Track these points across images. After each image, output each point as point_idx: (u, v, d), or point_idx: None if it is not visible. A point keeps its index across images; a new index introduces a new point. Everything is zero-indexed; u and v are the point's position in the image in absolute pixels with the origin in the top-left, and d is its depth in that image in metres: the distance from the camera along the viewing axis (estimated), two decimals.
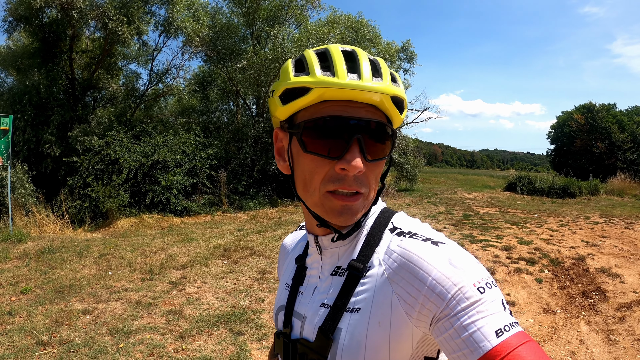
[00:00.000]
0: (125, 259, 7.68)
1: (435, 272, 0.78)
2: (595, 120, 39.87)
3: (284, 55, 15.32)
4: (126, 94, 17.32)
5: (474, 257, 0.83)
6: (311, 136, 0.86)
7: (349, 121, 0.83)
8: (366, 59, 0.86)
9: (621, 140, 37.71)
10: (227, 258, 8.01)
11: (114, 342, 4.40)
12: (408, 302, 0.81)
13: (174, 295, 5.96)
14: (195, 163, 14.05)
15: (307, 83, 0.84)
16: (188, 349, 4.35)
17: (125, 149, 12.76)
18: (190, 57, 17.31)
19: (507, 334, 0.71)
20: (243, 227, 11.49)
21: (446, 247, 0.83)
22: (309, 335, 0.95)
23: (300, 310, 1.01)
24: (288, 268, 1.16)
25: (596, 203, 19.18)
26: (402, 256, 0.85)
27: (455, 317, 0.74)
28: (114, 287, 6.21)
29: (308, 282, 1.04)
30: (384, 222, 0.96)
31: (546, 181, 23.05)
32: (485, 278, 0.78)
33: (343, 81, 0.82)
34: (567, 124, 43.18)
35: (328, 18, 17.87)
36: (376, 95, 0.83)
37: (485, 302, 0.75)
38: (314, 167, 0.87)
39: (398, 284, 0.83)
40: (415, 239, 0.87)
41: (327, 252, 0.98)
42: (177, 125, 16.77)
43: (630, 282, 6.77)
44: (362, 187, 0.86)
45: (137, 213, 12.18)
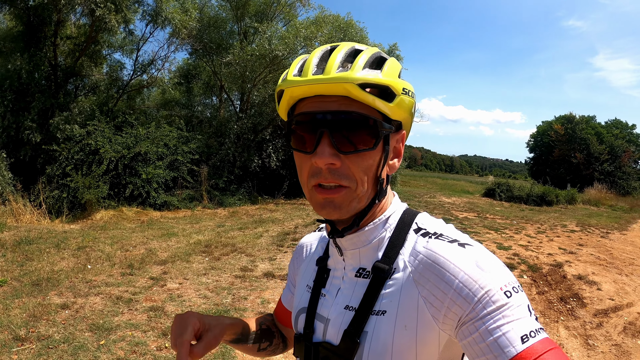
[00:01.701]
0: (105, 253, 7.52)
1: (462, 274, 0.78)
2: (575, 131, 40.60)
3: (271, 52, 15.24)
4: (109, 84, 17.01)
5: (500, 261, 0.82)
6: (293, 134, 0.89)
7: (316, 115, 0.83)
8: (342, 52, 0.85)
9: (599, 151, 38.47)
10: (208, 254, 7.91)
11: (95, 339, 4.28)
12: (434, 305, 0.80)
13: (155, 291, 5.84)
14: (176, 157, 13.87)
15: (281, 86, 0.87)
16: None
17: (107, 140, 12.53)
18: (176, 49, 17.05)
19: (532, 340, 0.70)
20: (224, 223, 11.40)
21: (473, 249, 0.82)
22: (332, 338, 0.93)
23: (323, 312, 0.98)
24: (308, 270, 1.13)
25: (573, 212, 19.56)
26: (428, 258, 0.84)
27: (481, 321, 0.74)
28: (93, 281, 6.06)
29: (331, 284, 1.01)
30: (408, 223, 0.95)
31: (524, 189, 23.49)
32: (512, 282, 0.77)
33: (304, 78, 0.82)
34: (547, 134, 43.87)
35: (317, 17, 17.81)
36: (338, 86, 0.80)
37: (512, 306, 0.74)
38: (300, 163, 0.89)
39: (424, 286, 0.82)
40: (441, 240, 0.86)
41: (347, 253, 0.96)
42: (160, 118, 16.57)
43: (606, 290, 6.97)
44: (342, 179, 0.84)
45: (116, 205, 11.95)
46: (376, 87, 0.82)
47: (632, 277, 7.84)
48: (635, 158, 42.21)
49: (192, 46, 17.13)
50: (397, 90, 0.84)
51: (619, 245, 11.25)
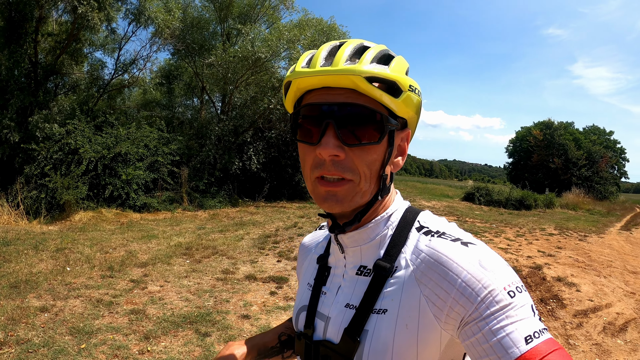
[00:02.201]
0: (84, 255, 7.43)
1: (465, 273, 0.77)
2: (553, 136, 41.24)
3: (254, 54, 15.21)
4: (90, 82, 16.77)
5: (504, 260, 0.81)
6: (299, 125, 0.89)
7: (322, 107, 0.83)
8: (350, 47, 0.85)
9: (577, 157, 39.17)
10: (189, 257, 7.86)
11: (75, 343, 4.21)
12: (436, 304, 0.79)
13: (136, 294, 5.78)
14: (157, 158, 13.74)
15: (289, 77, 0.88)
16: (153, 350, 4.21)
17: (86, 139, 12.35)
18: (158, 49, 16.92)
19: (536, 341, 0.70)
20: (204, 225, 11.34)
21: (476, 248, 0.82)
22: (333, 336, 0.93)
23: (323, 310, 0.98)
24: (309, 268, 1.13)
25: (551, 216, 19.89)
26: (430, 256, 0.83)
27: (484, 322, 0.73)
28: (72, 284, 5.98)
29: (332, 282, 1.01)
30: (410, 221, 0.94)
31: (503, 193, 23.76)
32: (515, 282, 0.77)
33: (312, 69, 0.83)
34: (526, 139, 44.49)
35: (300, 20, 17.82)
36: (345, 77, 0.80)
37: (515, 306, 0.73)
38: (303, 155, 0.89)
39: (426, 285, 0.82)
40: (444, 239, 0.85)
41: (349, 250, 0.96)
42: (141, 118, 16.37)
43: (585, 291, 7.12)
44: (346, 172, 0.83)
45: (95, 207, 11.78)
46: (383, 81, 0.82)
47: (610, 279, 8.03)
48: (612, 163, 43.15)
49: (174, 46, 16.99)
50: (404, 87, 0.84)
51: (597, 248, 11.50)
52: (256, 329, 4.88)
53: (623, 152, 46.63)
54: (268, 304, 5.74)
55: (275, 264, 7.75)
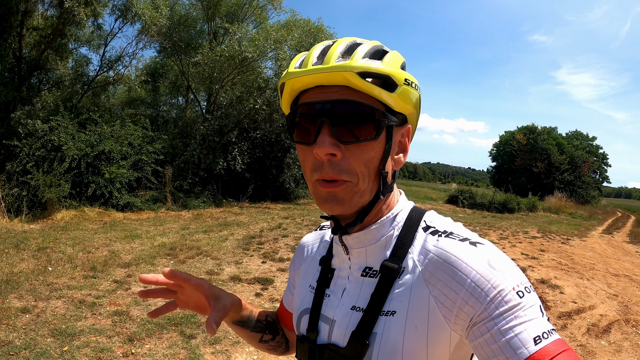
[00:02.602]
0: (66, 254, 7.32)
1: (474, 273, 0.76)
2: (537, 141, 41.86)
3: (241, 54, 15.12)
4: (74, 79, 16.56)
5: (512, 260, 0.81)
6: (295, 126, 0.88)
7: (315, 106, 0.82)
8: (343, 45, 0.84)
9: (560, 161, 39.79)
10: (174, 257, 7.79)
11: (57, 345, 4.14)
12: (446, 304, 0.79)
13: (120, 295, 5.70)
14: (141, 157, 13.58)
15: (282, 79, 0.87)
16: (138, 352, 4.15)
17: (70, 136, 12.15)
18: (144, 46, 16.80)
19: (545, 342, 0.69)
20: (188, 226, 11.25)
21: (485, 247, 0.81)
22: (339, 340, 0.91)
23: (327, 313, 0.96)
24: (310, 269, 1.11)
25: (534, 219, 20.12)
26: (439, 257, 0.82)
27: (493, 322, 0.72)
28: (54, 284, 5.87)
29: (336, 284, 0.99)
30: (416, 221, 0.93)
31: (487, 196, 23.99)
32: (524, 282, 0.76)
33: (304, 69, 0.82)
34: (509, 143, 45.06)
35: (287, 21, 17.74)
36: (337, 74, 0.79)
37: (525, 306, 0.73)
38: (302, 156, 0.88)
39: (435, 285, 0.81)
40: (452, 239, 0.84)
41: (354, 251, 0.94)
42: (125, 116, 16.20)
43: (569, 293, 7.22)
44: (342, 174, 0.82)
45: (77, 205, 11.62)
46: (376, 76, 0.81)
47: (593, 281, 8.16)
48: (595, 168, 43.99)
49: (160, 44, 16.85)
50: (399, 80, 0.83)
51: (580, 251, 11.66)
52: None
53: (605, 157, 47.58)
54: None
55: (260, 265, 7.72)
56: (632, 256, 11.92)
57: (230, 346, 4.48)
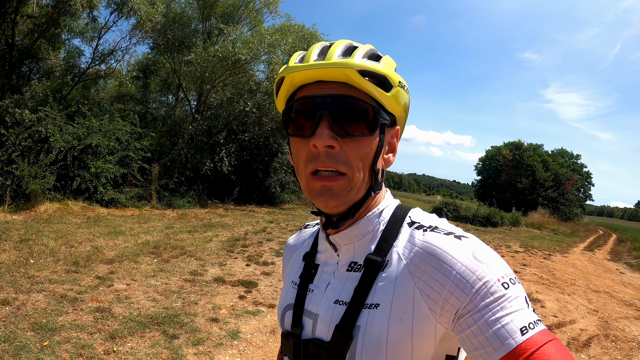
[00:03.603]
0: (49, 247, 7.22)
1: (459, 265, 0.77)
2: (522, 157, 42.29)
3: (234, 55, 15.13)
4: (65, 70, 16.46)
5: (496, 253, 0.81)
6: (291, 120, 0.89)
7: (316, 99, 0.84)
8: (342, 45, 0.87)
9: (544, 178, 40.22)
10: (157, 256, 7.72)
11: (38, 339, 4.06)
12: (431, 297, 0.79)
13: (102, 291, 5.63)
14: (128, 153, 13.49)
15: (282, 73, 0.89)
16: (119, 350, 4.08)
17: (57, 128, 12.02)
18: (138, 41, 16.66)
19: (531, 332, 0.70)
20: (172, 225, 11.18)
21: (469, 241, 0.81)
22: (322, 334, 0.90)
23: (311, 308, 0.96)
24: (294, 266, 1.11)
25: (517, 234, 20.29)
26: (424, 250, 0.82)
27: (479, 314, 0.72)
28: (35, 277, 5.78)
29: (320, 279, 0.99)
30: (401, 217, 0.94)
31: (471, 209, 24.18)
32: (509, 273, 0.77)
33: (306, 63, 0.85)
34: (495, 158, 45.46)
35: (282, 25, 17.78)
36: (338, 70, 0.82)
37: (510, 298, 0.73)
38: (297, 149, 0.89)
39: (420, 278, 0.81)
40: (437, 233, 0.85)
41: (342, 248, 0.95)
42: (114, 111, 16.07)
43: (550, 307, 7.30)
44: (340, 164, 0.83)
45: (62, 198, 11.49)
46: (374, 75, 0.84)
47: (574, 297, 8.24)
48: (578, 186, 44.51)
49: (154, 41, 16.79)
50: (394, 82, 0.86)
51: (561, 266, 11.77)
52: (225, 333, 4.80)
53: (589, 176, 48.22)
54: (237, 308, 5.66)
55: (244, 268, 7.68)
56: (613, 273, 12.06)
57: (213, 347, 4.44)
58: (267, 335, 4.96)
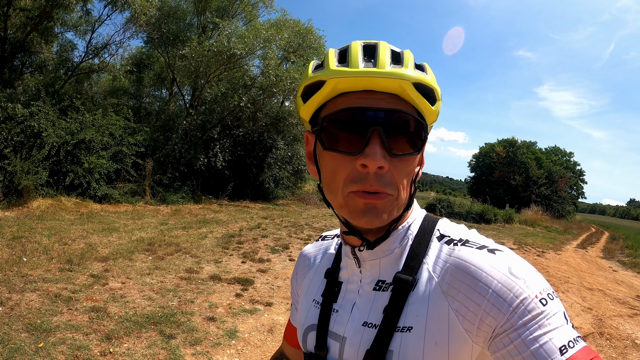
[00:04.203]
0: (42, 245, 7.12)
1: (495, 283, 0.73)
2: (516, 154, 42.55)
3: (229, 50, 15.05)
4: (58, 64, 16.31)
5: (532, 266, 0.77)
6: (330, 132, 0.79)
7: (367, 112, 0.76)
8: (388, 49, 0.79)
9: (537, 175, 40.53)
10: (152, 253, 7.65)
11: (32, 341, 3.98)
12: (467, 317, 0.75)
13: (97, 290, 5.55)
14: (122, 148, 13.32)
15: (322, 76, 0.79)
16: (116, 352, 4.02)
17: (50, 123, 11.84)
18: (132, 35, 16.50)
19: (572, 351, 0.66)
20: (167, 221, 11.11)
21: (504, 255, 0.77)
22: (351, 358, 0.86)
23: (337, 330, 0.90)
24: (314, 282, 1.04)
25: (510, 231, 20.41)
26: (457, 267, 0.78)
27: (516, 333, 0.69)
28: (29, 276, 5.68)
29: (344, 299, 0.93)
30: (429, 230, 0.88)
31: (464, 206, 24.35)
32: (547, 289, 0.73)
33: (355, 69, 0.76)
34: (489, 155, 45.75)
35: (277, 20, 17.72)
36: (394, 82, 0.75)
37: (549, 315, 0.69)
38: (335, 165, 0.79)
39: (455, 297, 0.77)
40: (469, 247, 0.80)
41: (366, 264, 0.89)
42: (107, 105, 15.91)
43: None
44: (388, 187, 0.76)
45: (55, 194, 11.35)
46: (424, 88, 0.78)
47: (568, 294, 8.27)
48: (571, 184, 44.86)
49: (148, 34, 16.65)
50: (438, 95, 0.81)
51: (555, 264, 11.82)
52: (222, 332, 4.76)
53: (582, 173, 48.70)
54: (234, 306, 5.62)
55: (240, 265, 7.63)
56: (606, 271, 12.12)
57: (211, 347, 4.39)
58: (265, 334, 4.92)
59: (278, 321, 5.35)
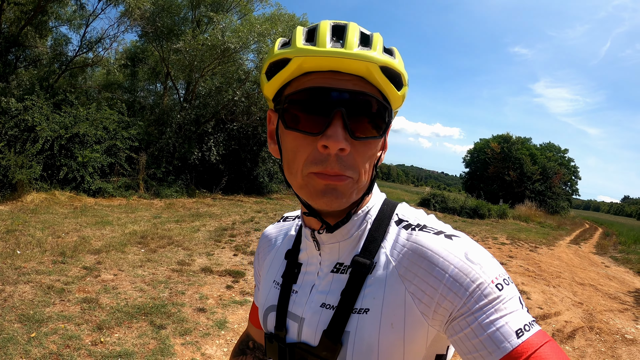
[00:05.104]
0: (35, 238, 7.19)
1: (452, 268, 0.74)
2: (511, 150, 42.61)
3: (224, 44, 15.04)
4: (52, 58, 16.21)
5: (488, 252, 0.79)
6: (292, 112, 0.78)
7: (331, 93, 0.75)
8: (357, 31, 0.78)
9: (532, 171, 40.62)
10: (144, 246, 7.72)
11: (25, 331, 4.07)
12: (423, 301, 0.76)
13: (89, 282, 5.63)
14: (115, 142, 13.33)
15: (287, 54, 0.77)
16: (107, 341, 4.11)
17: (44, 117, 11.83)
18: (126, 29, 16.46)
19: (527, 334, 0.68)
20: (160, 214, 11.15)
21: (461, 240, 0.79)
22: (309, 339, 0.87)
23: (295, 311, 0.92)
24: (275, 264, 1.05)
25: (504, 226, 20.47)
26: (414, 252, 0.79)
27: (473, 316, 0.70)
28: (22, 268, 5.76)
29: (303, 280, 0.94)
30: (388, 214, 0.89)
31: (458, 201, 24.34)
32: (502, 274, 0.75)
33: (322, 49, 0.74)
34: (484, 151, 45.71)
35: (272, 14, 17.69)
36: (361, 63, 0.74)
37: (504, 299, 0.71)
38: (296, 145, 0.79)
39: (411, 281, 0.78)
40: (426, 232, 0.81)
41: (325, 247, 0.90)
42: (101, 99, 15.90)
43: (535, 299, 7.41)
44: (348, 170, 0.76)
45: (48, 188, 11.39)
46: (392, 73, 0.77)
47: (559, 289, 8.38)
48: (565, 180, 44.98)
49: (142, 28, 16.53)
50: (405, 80, 0.81)
51: (547, 259, 11.92)
52: (212, 323, 4.84)
53: (576, 170, 48.73)
54: (224, 298, 5.70)
55: (232, 258, 7.71)
56: (598, 267, 12.24)
57: (201, 337, 4.48)
58: None
59: None
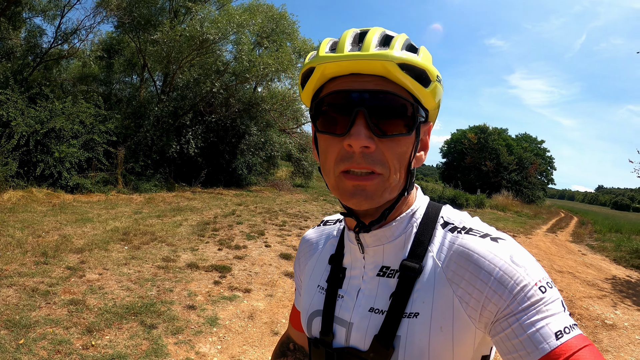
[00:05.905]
0: (15, 238, 7.01)
1: (497, 270, 0.76)
2: (487, 141, 43.18)
3: (202, 35, 14.89)
4: (26, 50, 15.88)
5: (532, 255, 0.81)
6: (322, 116, 0.83)
7: (351, 94, 0.78)
8: (378, 33, 0.81)
9: (508, 162, 41.30)
10: (128, 243, 7.60)
11: (13, 337, 3.95)
12: (470, 304, 0.78)
13: (74, 283, 5.51)
14: (93, 136, 13.08)
15: (311, 63, 0.82)
16: (98, 344, 4.03)
17: (19, 112, 11.56)
18: (102, 19, 16.09)
19: (567, 336, 0.69)
20: (140, 210, 11.02)
21: (506, 243, 0.80)
22: (358, 343, 0.88)
23: (343, 316, 0.92)
24: (318, 268, 1.06)
25: (481, 215, 20.45)
26: (461, 255, 0.81)
27: (514, 317, 0.72)
28: (4, 271, 5.60)
29: (349, 285, 0.95)
30: (434, 217, 0.91)
31: (436, 191, 24.66)
32: (545, 277, 0.76)
33: (340, 54, 0.78)
34: (461, 141, 46.28)
35: (251, 4, 17.56)
36: (377, 63, 0.76)
37: (547, 301, 0.72)
38: (326, 147, 0.83)
39: (459, 285, 0.80)
40: (472, 235, 0.83)
41: (369, 250, 0.91)
42: (77, 92, 15.61)
43: None
44: (376, 165, 0.78)
45: (25, 185, 11.13)
46: (413, 69, 0.78)
47: None
48: (541, 170, 45.75)
49: (119, 19, 16.22)
50: (433, 76, 0.82)
51: (525, 247, 12.01)
52: (203, 320, 4.80)
53: (551, 160, 49.74)
54: (213, 294, 5.66)
55: (217, 252, 7.65)
56: (575, 254, 12.48)
57: (193, 336, 4.44)
58: (246, 320, 4.99)
59: (258, 307, 5.42)
